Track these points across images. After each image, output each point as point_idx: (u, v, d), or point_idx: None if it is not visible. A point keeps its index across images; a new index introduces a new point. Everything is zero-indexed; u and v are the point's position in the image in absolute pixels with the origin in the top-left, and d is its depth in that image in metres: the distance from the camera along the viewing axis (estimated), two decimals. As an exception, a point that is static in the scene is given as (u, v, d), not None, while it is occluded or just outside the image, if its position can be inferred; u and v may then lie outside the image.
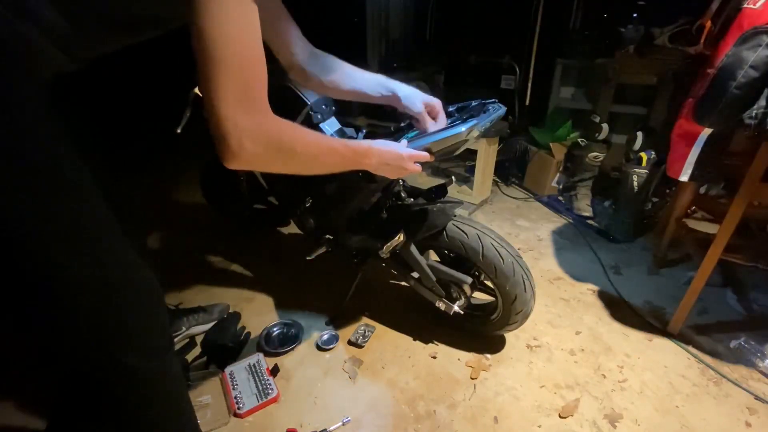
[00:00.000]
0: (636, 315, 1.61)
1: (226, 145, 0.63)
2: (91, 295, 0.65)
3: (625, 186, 2.07)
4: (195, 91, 1.28)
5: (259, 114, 0.65)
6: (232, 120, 0.62)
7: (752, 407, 1.24)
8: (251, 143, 0.65)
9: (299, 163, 0.77)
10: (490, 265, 1.22)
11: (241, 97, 0.61)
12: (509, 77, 3.05)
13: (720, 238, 1.31)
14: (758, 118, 1.14)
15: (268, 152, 0.68)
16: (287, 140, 0.71)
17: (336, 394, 1.27)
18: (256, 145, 0.65)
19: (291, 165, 0.77)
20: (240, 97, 0.61)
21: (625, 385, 1.30)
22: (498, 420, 1.19)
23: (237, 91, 0.61)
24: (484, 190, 2.52)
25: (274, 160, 0.71)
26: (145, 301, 0.73)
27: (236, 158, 0.65)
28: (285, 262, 1.91)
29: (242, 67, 0.60)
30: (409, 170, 0.97)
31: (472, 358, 1.39)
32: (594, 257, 1.99)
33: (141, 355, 0.72)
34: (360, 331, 1.48)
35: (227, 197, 1.99)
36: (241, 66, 0.60)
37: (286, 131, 0.71)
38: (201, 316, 1.47)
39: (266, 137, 0.67)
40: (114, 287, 0.68)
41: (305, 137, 0.75)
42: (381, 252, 1.28)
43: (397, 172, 0.97)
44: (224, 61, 0.59)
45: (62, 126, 0.61)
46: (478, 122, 1.01)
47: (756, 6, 1.17)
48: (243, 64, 0.60)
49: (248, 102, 0.63)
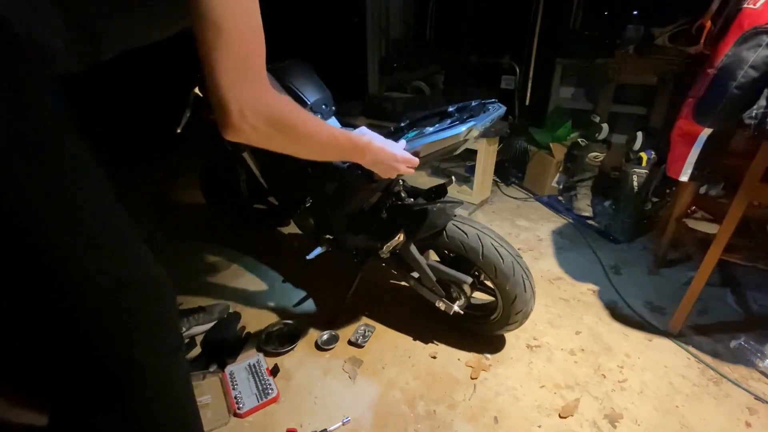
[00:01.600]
0: (636, 315, 1.61)
1: (227, 115, 0.63)
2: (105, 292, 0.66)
3: (625, 186, 2.07)
4: (195, 91, 1.28)
5: (260, 87, 0.65)
6: (233, 91, 0.62)
7: (752, 407, 1.24)
8: (252, 115, 0.65)
9: (299, 142, 0.77)
10: (490, 265, 1.22)
11: (243, 68, 0.62)
12: (509, 77, 3.05)
13: (720, 238, 1.31)
14: (758, 118, 1.14)
15: (268, 126, 0.69)
16: (288, 117, 0.71)
17: (336, 394, 1.27)
18: (256, 117, 0.66)
19: (291, 143, 0.77)
20: (241, 68, 0.62)
21: (625, 385, 1.30)
22: (498, 420, 1.19)
23: (238, 62, 0.61)
24: (484, 190, 2.52)
25: (274, 135, 0.71)
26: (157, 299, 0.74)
27: (237, 130, 0.65)
28: (285, 261, 1.91)
29: (243, 38, 0.61)
30: (400, 171, 1.03)
31: (472, 358, 1.39)
32: (594, 257, 1.99)
33: (153, 352, 0.72)
34: (360, 331, 1.48)
35: (227, 197, 1.99)
36: (242, 37, 0.61)
37: (287, 108, 0.72)
38: (201, 316, 1.47)
39: (267, 111, 0.67)
40: (127, 284, 0.68)
41: (306, 117, 0.76)
42: (381, 252, 1.28)
43: (388, 172, 1.02)
44: (227, 32, 0.59)
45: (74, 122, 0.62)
46: (477, 123, 1.01)
47: (756, 6, 1.17)
48: (244, 35, 0.61)
49: (249, 73, 0.63)
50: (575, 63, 2.89)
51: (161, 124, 1.48)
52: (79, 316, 0.66)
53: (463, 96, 3.25)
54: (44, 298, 0.64)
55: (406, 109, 2.48)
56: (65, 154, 0.61)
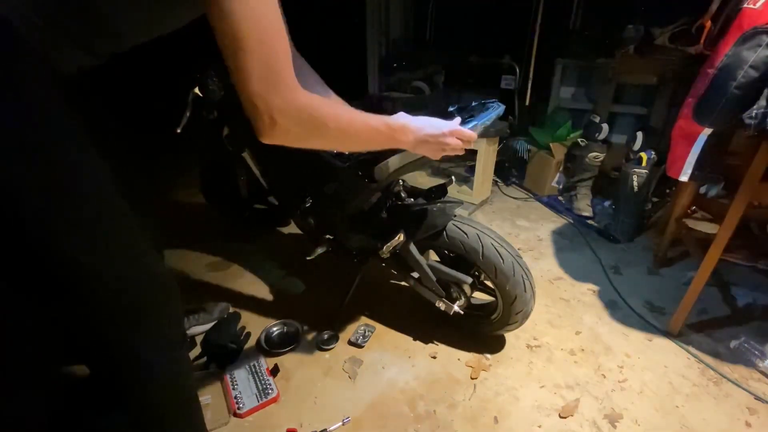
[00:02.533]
0: (636, 315, 1.61)
1: (259, 121, 0.65)
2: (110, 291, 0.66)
3: (625, 186, 2.07)
4: (195, 91, 1.28)
5: (287, 90, 0.65)
6: (261, 97, 0.63)
7: (752, 407, 1.24)
8: (283, 119, 0.66)
9: (333, 138, 0.77)
10: (490, 265, 1.22)
11: (267, 73, 0.62)
12: (509, 77, 3.05)
13: (720, 238, 1.31)
14: (758, 118, 1.14)
15: (300, 128, 0.69)
16: (318, 116, 0.71)
17: (336, 394, 1.27)
18: (287, 121, 0.66)
19: (325, 140, 0.78)
20: (266, 73, 0.62)
21: (625, 385, 1.30)
22: (498, 420, 1.19)
23: (262, 68, 0.61)
24: (484, 190, 2.52)
25: (307, 135, 0.72)
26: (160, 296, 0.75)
27: (270, 134, 0.67)
28: (285, 262, 1.91)
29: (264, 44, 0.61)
30: (450, 146, 0.92)
31: (472, 358, 1.39)
32: (594, 257, 1.99)
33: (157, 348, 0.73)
34: (360, 331, 1.48)
35: (227, 197, 1.99)
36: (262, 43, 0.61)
37: (318, 107, 0.71)
38: (201, 316, 1.47)
39: (297, 113, 0.68)
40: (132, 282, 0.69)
41: (338, 113, 0.75)
42: (381, 252, 1.28)
43: (435, 151, 0.93)
44: (245, 41, 0.59)
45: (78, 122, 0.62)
46: (477, 123, 1.01)
47: (756, 6, 1.17)
48: (265, 40, 0.61)
49: (275, 78, 0.63)
50: (575, 63, 2.89)
51: (161, 124, 1.48)
52: (85, 314, 0.66)
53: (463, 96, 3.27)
54: (49, 297, 0.64)
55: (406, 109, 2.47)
56: (68, 154, 0.61)
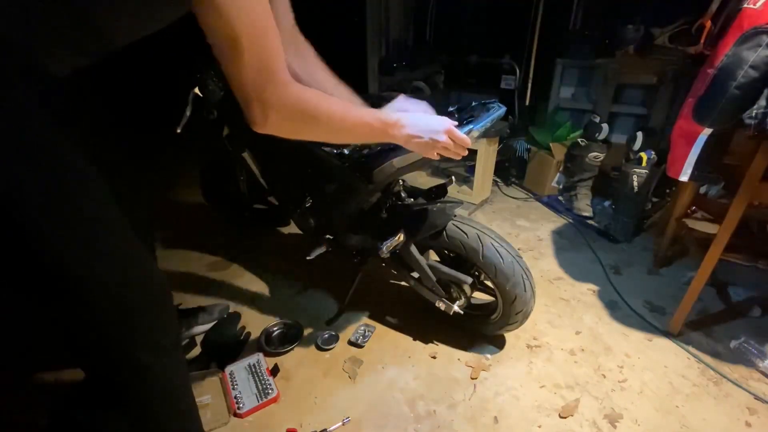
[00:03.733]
0: (636, 315, 1.61)
1: (252, 116, 0.68)
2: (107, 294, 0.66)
3: (625, 186, 2.07)
4: (195, 91, 1.28)
5: (279, 85, 0.67)
6: (254, 91, 0.65)
7: (752, 407, 1.24)
8: (275, 113, 0.68)
9: (326, 131, 0.79)
10: (490, 265, 1.22)
11: (259, 70, 0.64)
12: (509, 77, 3.04)
13: (720, 238, 1.31)
14: (758, 118, 1.14)
15: (292, 122, 0.72)
16: (311, 111, 0.73)
17: (336, 394, 1.27)
18: (279, 114, 0.69)
19: (318, 133, 0.79)
20: (258, 69, 0.64)
21: (625, 385, 1.30)
22: (498, 420, 1.19)
23: (254, 65, 0.63)
24: (484, 190, 2.52)
25: (299, 128, 0.75)
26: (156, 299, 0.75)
27: (262, 126, 0.70)
28: (285, 262, 1.91)
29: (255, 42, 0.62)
30: (442, 144, 0.86)
31: (472, 358, 1.39)
32: (594, 257, 1.99)
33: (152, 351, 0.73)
34: (360, 331, 1.48)
35: (227, 197, 1.99)
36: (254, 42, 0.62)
37: (310, 101, 0.72)
38: (201, 316, 1.47)
39: (289, 108, 0.70)
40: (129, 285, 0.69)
41: (330, 107, 0.76)
42: (381, 252, 1.28)
43: (427, 147, 0.88)
44: (238, 40, 0.60)
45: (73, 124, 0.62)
46: (477, 124, 1.01)
47: (756, 6, 1.17)
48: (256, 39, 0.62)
49: (267, 74, 0.65)
50: (575, 63, 2.89)
51: (161, 124, 1.48)
52: (82, 318, 0.66)
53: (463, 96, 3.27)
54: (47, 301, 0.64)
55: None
56: (63, 158, 0.61)
